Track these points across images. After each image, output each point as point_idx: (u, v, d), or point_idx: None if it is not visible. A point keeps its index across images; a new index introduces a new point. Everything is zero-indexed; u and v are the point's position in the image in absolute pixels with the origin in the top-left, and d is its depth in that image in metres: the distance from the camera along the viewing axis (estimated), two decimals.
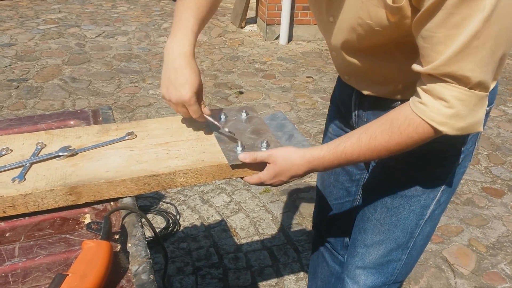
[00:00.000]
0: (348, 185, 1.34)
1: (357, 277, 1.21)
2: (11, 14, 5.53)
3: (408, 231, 1.11)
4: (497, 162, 3.04)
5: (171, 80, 0.95)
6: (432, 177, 1.05)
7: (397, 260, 1.16)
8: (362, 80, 1.05)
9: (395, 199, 1.09)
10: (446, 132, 0.80)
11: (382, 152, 0.87)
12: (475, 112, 0.79)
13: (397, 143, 0.84)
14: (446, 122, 0.79)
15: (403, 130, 0.83)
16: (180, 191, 2.59)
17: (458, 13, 0.70)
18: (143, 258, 0.75)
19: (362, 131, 0.89)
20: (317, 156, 0.92)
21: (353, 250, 1.22)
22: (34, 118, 1.16)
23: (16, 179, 0.86)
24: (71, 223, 0.84)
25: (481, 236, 2.35)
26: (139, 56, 4.50)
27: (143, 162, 0.94)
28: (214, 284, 1.98)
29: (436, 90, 0.78)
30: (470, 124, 0.80)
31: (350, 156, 0.89)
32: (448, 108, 0.78)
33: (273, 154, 0.95)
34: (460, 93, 0.76)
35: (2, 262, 0.74)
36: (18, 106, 3.39)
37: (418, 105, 0.81)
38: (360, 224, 1.19)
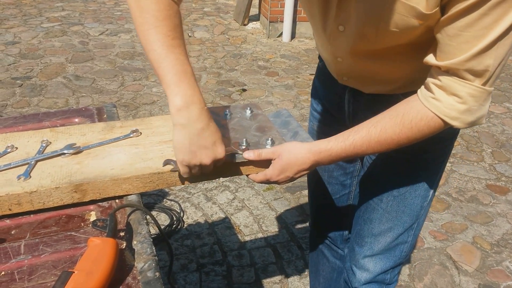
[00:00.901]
0: (343, 179, 1.35)
1: (366, 265, 1.23)
2: (14, 12, 5.54)
3: (414, 215, 1.14)
4: (502, 159, 3.02)
5: (199, 143, 0.84)
6: (433, 158, 1.08)
7: (404, 243, 1.19)
8: (365, 81, 1.05)
9: (401, 187, 1.11)
10: (457, 126, 0.83)
11: (391, 145, 0.89)
12: (483, 107, 0.82)
13: (407, 136, 0.86)
14: (458, 117, 0.81)
15: (414, 124, 0.84)
16: (183, 189, 2.59)
17: (491, 14, 0.71)
18: (149, 256, 0.75)
19: (371, 125, 0.89)
20: (324, 148, 0.92)
21: (359, 240, 1.23)
22: (38, 116, 1.16)
23: (22, 176, 0.86)
24: (76, 220, 0.84)
25: (485, 234, 2.35)
26: (142, 53, 4.50)
27: (148, 159, 0.94)
28: (218, 281, 1.99)
29: (451, 86, 0.80)
30: (477, 118, 0.83)
31: (358, 149, 0.90)
32: (461, 104, 0.80)
33: (278, 150, 0.95)
34: (473, 89, 0.78)
35: (8, 259, 0.74)
36: (22, 104, 3.40)
37: (431, 101, 0.83)
38: (365, 215, 1.20)
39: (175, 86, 0.81)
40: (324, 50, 1.07)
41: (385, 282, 1.25)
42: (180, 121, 0.82)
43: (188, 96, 0.82)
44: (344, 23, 0.91)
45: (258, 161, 0.97)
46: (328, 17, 0.94)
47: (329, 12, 0.92)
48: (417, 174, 1.10)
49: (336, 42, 0.98)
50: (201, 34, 5.17)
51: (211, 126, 0.86)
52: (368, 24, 0.87)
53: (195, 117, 0.82)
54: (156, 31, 0.81)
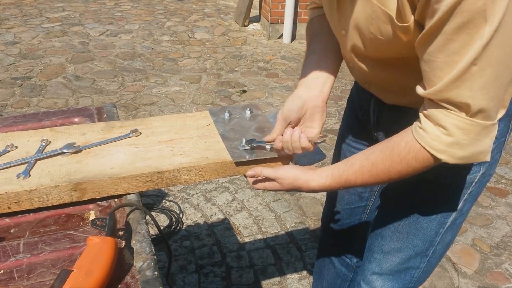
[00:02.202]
0: (361, 191, 1.32)
1: (374, 283, 1.19)
2: (15, 13, 5.54)
3: (427, 240, 1.09)
4: (502, 161, 3.02)
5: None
6: (455, 187, 1.03)
7: (415, 268, 1.14)
8: (382, 89, 1.03)
9: (414, 207, 1.06)
10: (445, 161, 0.78)
11: (384, 179, 0.87)
12: (478, 141, 0.76)
13: (397, 171, 0.83)
14: (445, 150, 0.77)
15: (403, 157, 0.81)
16: (183, 189, 2.59)
17: (456, 39, 0.68)
18: (148, 255, 0.75)
19: (364, 158, 0.88)
20: (323, 184, 0.93)
21: (370, 255, 1.20)
22: (38, 115, 1.16)
23: (21, 175, 0.86)
24: (75, 219, 0.84)
25: (485, 236, 2.35)
26: (143, 54, 4.50)
27: (148, 159, 0.94)
28: (217, 282, 1.98)
29: (436, 116, 0.76)
30: (472, 154, 0.77)
31: (353, 183, 0.90)
32: (447, 136, 0.76)
33: (280, 177, 0.95)
34: (460, 121, 0.74)
35: (7, 257, 0.74)
36: (22, 104, 3.40)
37: (419, 131, 0.79)
38: (378, 230, 1.17)
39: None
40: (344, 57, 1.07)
41: None
42: None
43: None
44: (344, 27, 0.91)
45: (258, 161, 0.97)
46: (334, 20, 0.94)
47: (335, 15, 0.93)
48: (432, 198, 1.05)
49: (343, 46, 0.98)
50: (202, 35, 5.17)
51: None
52: (360, 30, 0.86)
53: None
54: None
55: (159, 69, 4.20)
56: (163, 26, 5.39)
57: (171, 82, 3.94)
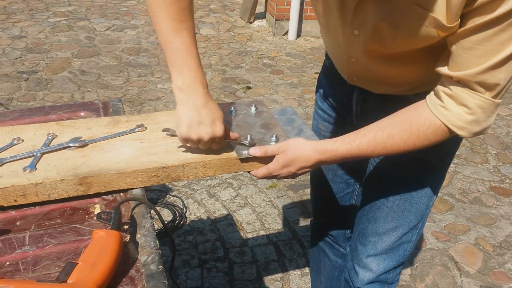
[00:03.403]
0: (347, 177, 1.35)
1: (369, 265, 1.23)
2: (21, 7, 5.56)
3: (420, 214, 1.14)
4: (506, 161, 3.01)
5: (198, 119, 0.88)
6: (442, 156, 1.08)
7: (407, 242, 1.19)
8: (376, 82, 1.04)
9: (409, 186, 1.11)
10: (463, 136, 0.85)
11: (396, 151, 0.89)
12: (490, 118, 0.83)
13: (414, 144, 0.87)
14: (465, 127, 0.83)
15: (422, 131, 0.85)
16: (187, 185, 2.60)
17: (509, 30, 0.71)
18: (152, 249, 0.76)
19: (378, 129, 0.89)
20: (329, 148, 0.92)
21: (363, 239, 1.23)
22: (45, 109, 1.17)
23: (27, 168, 0.87)
24: (81, 213, 0.85)
25: (488, 235, 2.34)
26: (148, 50, 4.51)
27: (153, 154, 0.94)
28: (220, 277, 1.99)
29: (461, 96, 0.81)
30: (483, 129, 0.84)
31: (364, 152, 0.90)
32: (469, 115, 0.81)
33: (283, 145, 0.95)
34: (483, 101, 0.80)
35: (13, 250, 0.75)
36: (28, 98, 3.41)
37: (440, 109, 0.83)
38: (369, 214, 1.20)
39: (178, 69, 0.87)
40: (337, 51, 1.06)
41: (387, 281, 1.25)
42: (181, 99, 0.89)
43: (190, 78, 0.88)
44: (359, 27, 0.91)
45: (263, 157, 0.97)
46: (345, 21, 0.93)
47: (346, 16, 0.92)
48: (424, 174, 1.09)
49: (350, 45, 0.98)
50: (207, 31, 5.17)
51: (210, 105, 0.91)
52: (386, 30, 0.86)
53: (195, 95, 0.89)
54: (164, 15, 0.85)
55: (164, 64, 4.20)
56: None
57: None
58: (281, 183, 2.66)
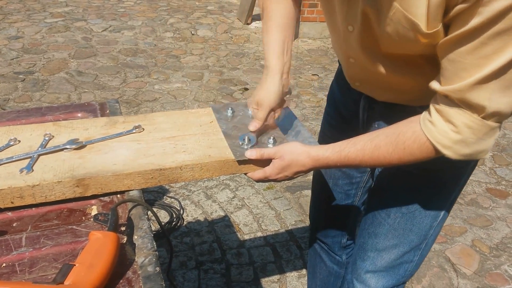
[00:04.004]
0: (348, 188, 1.33)
1: (368, 281, 1.20)
2: (18, 7, 5.54)
3: (422, 234, 1.11)
4: (502, 163, 3.02)
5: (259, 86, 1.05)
6: (446, 178, 1.05)
7: (409, 262, 1.16)
8: (377, 87, 1.03)
9: (410, 204, 1.08)
10: (449, 156, 0.80)
11: (383, 163, 0.88)
12: (483, 141, 0.77)
13: (399, 157, 0.85)
14: (451, 146, 0.78)
15: (407, 146, 0.83)
16: (184, 186, 2.60)
17: (491, 44, 0.68)
18: (149, 250, 0.76)
19: (367, 139, 0.89)
20: (321, 156, 0.93)
21: (362, 254, 1.20)
22: (41, 110, 1.16)
23: (24, 170, 0.86)
24: (78, 214, 0.84)
25: (484, 237, 2.35)
26: (145, 51, 4.50)
27: (150, 155, 0.94)
28: (217, 279, 1.99)
29: (448, 112, 0.77)
30: (475, 152, 0.79)
31: (352, 161, 0.90)
32: (455, 133, 0.77)
33: (280, 150, 0.95)
34: (471, 121, 0.75)
35: (10, 251, 0.75)
36: (24, 99, 3.40)
37: (427, 124, 0.80)
38: (370, 228, 1.17)
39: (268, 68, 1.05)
40: (339, 50, 1.07)
41: None
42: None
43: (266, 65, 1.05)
44: (353, 22, 0.91)
45: (260, 160, 0.97)
46: (342, 16, 0.94)
47: (342, 10, 0.93)
48: (428, 193, 1.06)
49: (347, 42, 0.98)
50: (204, 33, 5.17)
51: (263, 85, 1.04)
52: (372, 27, 0.86)
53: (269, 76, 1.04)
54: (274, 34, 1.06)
55: (162, 65, 4.20)
56: (166, 22, 5.39)
57: (173, 79, 3.95)
58: (278, 185, 2.66)
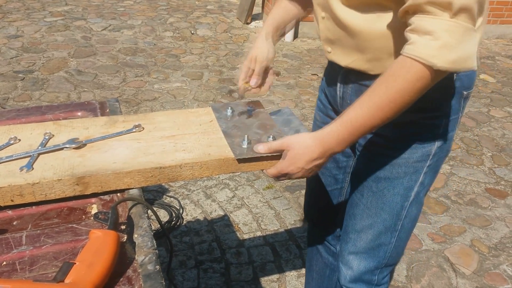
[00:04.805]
0: (335, 173, 1.36)
1: (350, 262, 1.24)
2: (18, 6, 5.54)
3: (394, 214, 1.14)
4: (501, 163, 3.03)
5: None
6: (414, 160, 1.08)
7: (387, 244, 1.19)
8: (345, 47, 1.04)
9: (379, 183, 1.12)
10: (438, 65, 0.79)
11: (385, 107, 0.85)
12: (463, 44, 0.78)
13: (396, 91, 0.83)
14: (435, 53, 0.78)
15: (397, 75, 0.82)
16: (183, 186, 2.60)
17: None
18: (149, 249, 0.76)
19: (362, 95, 0.88)
20: (326, 132, 0.92)
21: (345, 236, 1.25)
22: (41, 109, 1.16)
23: (24, 168, 0.87)
24: (78, 213, 0.85)
25: (483, 237, 2.35)
26: (145, 50, 4.50)
27: (150, 154, 0.94)
28: (216, 278, 1.99)
29: (421, 24, 0.79)
30: (461, 57, 0.79)
31: (355, 122, 0.88)
32: (435, 40, 0.78)
33: (286, 141, 0.96)
34: (444, 23, 0.77)
35: (10, 249, 0.75)
36: (24, 98, 3.40)
37: (407, 46, 0.81)
38: (350, 210, 1.23)
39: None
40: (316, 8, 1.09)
41: (373, 283, 1.26)
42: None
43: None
44: None
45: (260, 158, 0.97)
46: None
47: None
48: (396, 172, 1.09)
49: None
50: (204, 32, 5.17)
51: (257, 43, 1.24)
52: None
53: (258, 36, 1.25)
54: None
55: (161, 65, 4.20)
56: (165, 22, 5.39)
57: (173, 78, 3.95)
58: (278, 184, 2.66)
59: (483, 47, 5.33)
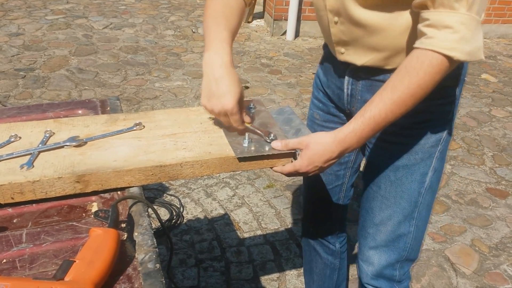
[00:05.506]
0: (337, 169, 1.36)
1: (371, 258, 1.23)
2: (19, 4, 5.54)
3: (412, 201, 1.15)
4: (502, 163, 3.03)
5: (213, 91, 0.94)
6: (428, 145, 1.10)
7: (406, 233, 1.19)
8: (361, 46, 1.03)
9: (397, 171, 1.12)
10: (457, 57, 0.82)
11: (407, 101, 0.87)
12: (476, 36, 0.82)
13: (418, 84, 0.85)
14: (455, 47, 0.81)
15: (419, 68, 0.84)
16: (184, 184, 2.60)
17: None
18: (150, 247, 0.76)
19: (382, 90, 0.89)
20: (347, 131, 0.92)
21: (363, 232, 1.24)
22: (42, 107, 1.16)
23: (25, 166, 0.86)
24: (78, 210, 0.85)
25: (484, 237, 2.35)
26: (146, 48, 4.50)
27: (151, 152, 0.94)
28: (216, 276, 1.99)
29: (440, 19, 0.81)
30: (474, 49, 0.83)
31: (378, 118, 0.89)
32: (454, 34, 0.81)
33: (304, 140, 0.95)
34: (461, 17, 0.80)
35: (10, 247, 0.75)
36: (25, 96, 3.40)
37: (425, 41, 0.84)
38: (366, 204, 1.22)
39: (208, 46, 0.98)
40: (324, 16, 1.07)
41: (394, 279, 1.25)
42: (204, 70, 0.96)
43: (215, 51, 0.96)
44: None
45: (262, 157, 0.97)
46: None
47: None
48: (413, 158, 1.11)
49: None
50: None
51: (227, 79, 0.94)
52: None
53: (214, 68, 0.95)
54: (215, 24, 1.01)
55: (162, 63, 4.20)
56: (167, 20, 5.39)
57: (174, 77, 3.95)
58: (278, 183, 2.66)
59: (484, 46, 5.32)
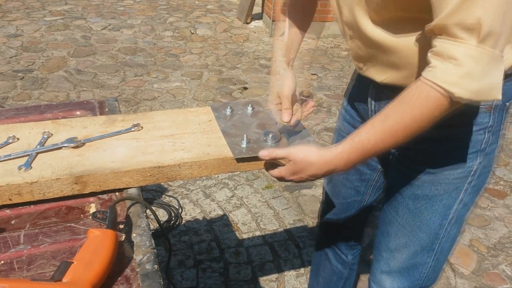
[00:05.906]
0: (358, 184, 1.32)
1: (383, 282, 1.19)
2: (17, 5, 5.54)
3: (432, 233, 1.08)
4: (501, 163, 3.03)
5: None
6: (454, 177, 1.02)
7: (423, 264, 1.13)
8: (379, 63, 0.99)
9: (416, 201, 1.06)
10: (459, 95, 0.72)
11: (399, 133, 0.80)
12: (489, 73, 0.71)
13: (412, 117, 0.77)
14: (457, 81, 0.71)
15: (414, 100, 0.76)
16: (182, 185, 2.60)
17: None
18: (148, 248, 0.76)
19: (376, 116, 0.83)
20: (336, 153, 0.87)
21: (377, 254, 1.20)
22: (40, 108, 1.16)
23: (22, 167, 0.86)
24: (76, 212, 0.85)
25: (482, 237, 2.35)
26: (144, 49, 4.50)
27: (149, 153, 0.94)
28: (215, 278, 1.99)
29: (445, 48, 0.72)
30: (485, 87, 0.72)
31: (367, 145, 0.83)
32: (458, 67, 0.71)
33: (292, 153, 0.91)
34: (470, 49, 0.70)
35: (8, 248, 0.75)
36: (23, 97, 3.40)
37: (428, 71, 0.75)
38: (382, 227, 1.17)
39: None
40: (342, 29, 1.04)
41: None
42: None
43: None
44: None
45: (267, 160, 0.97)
46: None
47: None
48: (435, 189, 1.04)
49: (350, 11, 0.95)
50: (204, 32, 5.17)
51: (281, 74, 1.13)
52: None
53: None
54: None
55: (161, 64, 4.19)
56: (165, 21, 5.39)
57: (173, 78, 3.95)
58: (277, 184, 2.66)
59: None
